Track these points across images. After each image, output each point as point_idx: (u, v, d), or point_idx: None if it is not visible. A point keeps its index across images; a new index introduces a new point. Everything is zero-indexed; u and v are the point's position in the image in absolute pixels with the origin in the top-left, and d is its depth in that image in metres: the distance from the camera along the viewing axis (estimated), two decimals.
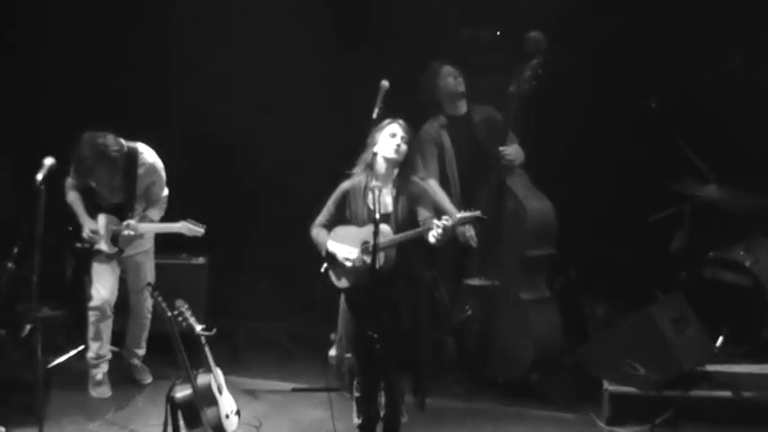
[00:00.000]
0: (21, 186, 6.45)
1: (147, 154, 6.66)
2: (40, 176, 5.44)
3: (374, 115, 6.35)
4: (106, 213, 6.65)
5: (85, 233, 6.60)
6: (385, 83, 6.45)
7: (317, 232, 5.77)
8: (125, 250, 6.71)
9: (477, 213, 5.58)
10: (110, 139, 6.37)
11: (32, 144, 7.47)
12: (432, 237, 5.43)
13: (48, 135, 7.91)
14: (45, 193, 5.38)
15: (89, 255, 6.69)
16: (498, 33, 7.80)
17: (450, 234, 5.67)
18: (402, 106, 6.41)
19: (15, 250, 7.54)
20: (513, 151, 6.70)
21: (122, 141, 6.48)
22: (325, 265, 5.79)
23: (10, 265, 7.06)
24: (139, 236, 6.69)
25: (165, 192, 6.79)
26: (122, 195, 6.62)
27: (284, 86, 8.20)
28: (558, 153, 7.79)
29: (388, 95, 6.38)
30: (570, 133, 7.92)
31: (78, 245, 6.68)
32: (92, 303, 6.70)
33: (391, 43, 7.93)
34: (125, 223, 6.58)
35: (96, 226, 6.61)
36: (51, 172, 5.52)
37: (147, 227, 6.68)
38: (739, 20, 7.58)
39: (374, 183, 5.59)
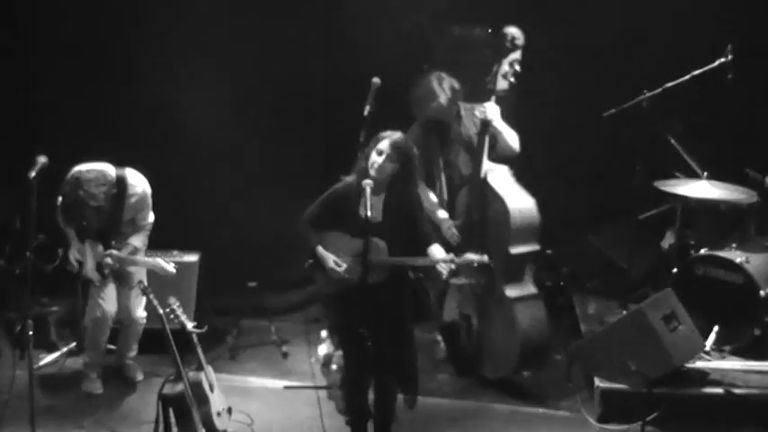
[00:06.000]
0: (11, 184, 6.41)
1: (137, 183, 6.46)
2: (32, 174, 5.47)
3: (365, 113, 6.34)
4: (91, 240, 6.55)
5: (71, 258, 6.57)
6: (376, 80, 6.43)
7: (307, 230, 5.72)
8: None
9: (485, 259, 5.59)
10: (93, 184, 6.11)
11: (23, 142, 7.52)
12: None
13: (39, 133, 7.94)
14: (36, 192, 5.40)
15: (78, 278, 6.69)
16: (490, 31, 7.78)
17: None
18: (393, 104, 6.44)
19: (7, 248, 7.60)
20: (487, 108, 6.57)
21: (110, 174, 6.27)
22: (310, 260, 5.79)
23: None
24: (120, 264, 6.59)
25: (152, 217, 6.63)
26: (108, 222, 6.44)
27: (274, 86, 8.18)
28: (549, 150, 7.80)
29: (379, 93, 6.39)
30: (560, 130, 7.94)
31: (68, 267, 6.66)
32: (93, 317, 6.63)
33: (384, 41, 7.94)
34: (108, 252, 6.48)
35: (80, 255, 6.57)
36: (43, 170, 5.54)
37: (128, 259, 6.53)
38: (729, 18, 7.61)
39: (366, 181, 5.44)
